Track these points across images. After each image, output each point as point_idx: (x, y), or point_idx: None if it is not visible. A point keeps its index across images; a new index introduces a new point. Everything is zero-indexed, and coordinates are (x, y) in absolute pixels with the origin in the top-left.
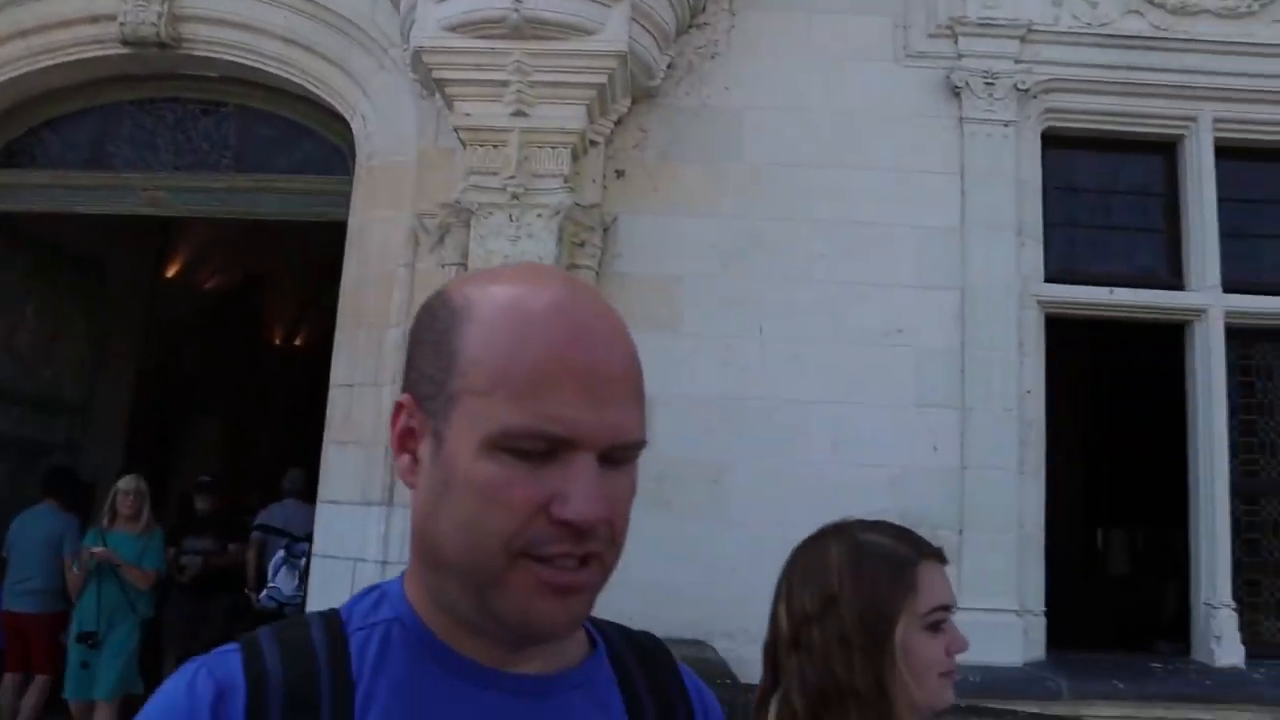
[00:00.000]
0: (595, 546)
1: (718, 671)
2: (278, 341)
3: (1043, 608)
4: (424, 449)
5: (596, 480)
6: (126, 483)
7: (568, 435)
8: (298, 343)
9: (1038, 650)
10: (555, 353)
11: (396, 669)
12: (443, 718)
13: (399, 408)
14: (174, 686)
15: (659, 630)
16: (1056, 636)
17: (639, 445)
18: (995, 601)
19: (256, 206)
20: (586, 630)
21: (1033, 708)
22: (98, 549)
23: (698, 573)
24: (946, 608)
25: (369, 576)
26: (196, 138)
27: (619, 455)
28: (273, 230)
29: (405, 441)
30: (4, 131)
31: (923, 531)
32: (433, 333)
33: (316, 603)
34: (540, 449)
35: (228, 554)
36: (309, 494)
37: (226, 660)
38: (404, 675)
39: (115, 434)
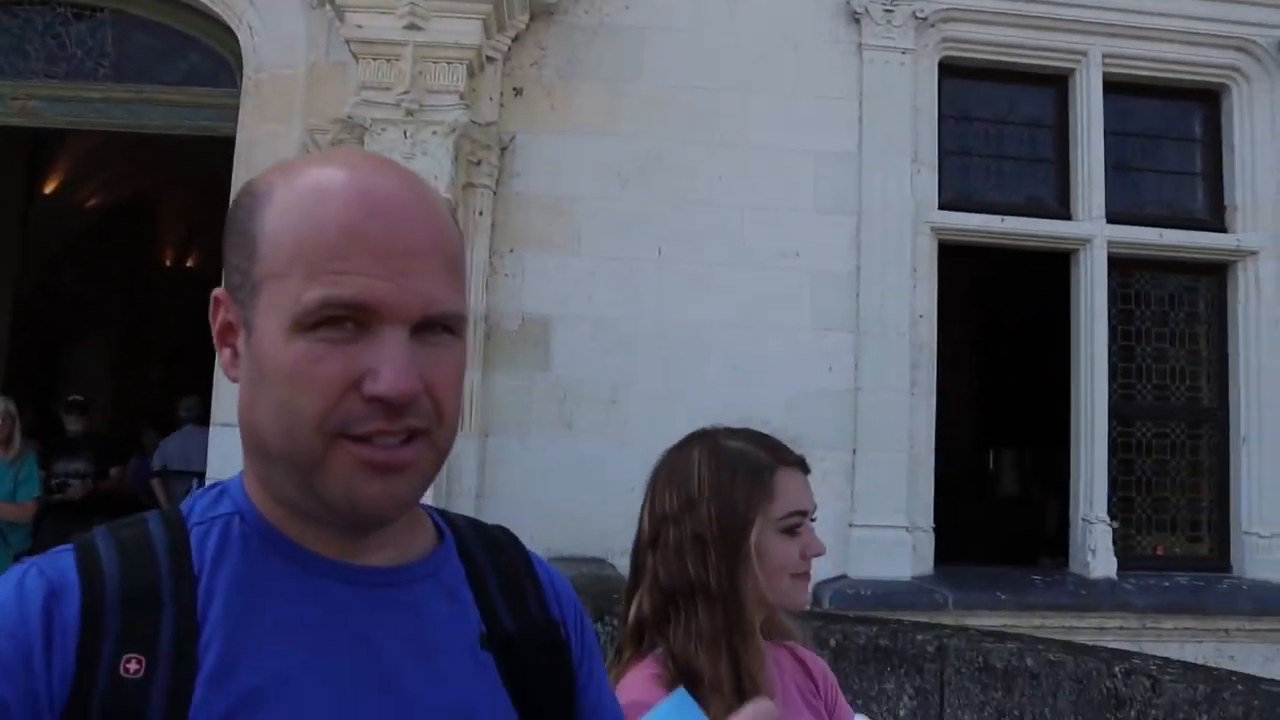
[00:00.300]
0: (416, 422)
1: (616, 587)
2: (168, 263)
3: (932, 524)
4: (241, 341)
5: (406, 353)
6: None
7: (365, 303)
8: (190, 264)
9: (926, 565)
10: (349, 226)
11: (236, 562)
12: (283, 610)
13: (215, 303)
14: (2, 588)
15: (560, 548)
16: (948, 553)
17: (456, 317)
18: (886, 519)
19: (138, 119)
20: (434, 522)
21: (920, 618)
22: None
23: (597, 492)
24: (803, 513)
25: None
26: (70, 44)
27: (435, 329)
28: (160, 145)
29: (225, 336)
30: None
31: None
32: (238, 223)
33: None
34: (344, 325)
35: (110, 479)
36: (206, 419)
37: (59, 559)
38: (244, 568)
39: None
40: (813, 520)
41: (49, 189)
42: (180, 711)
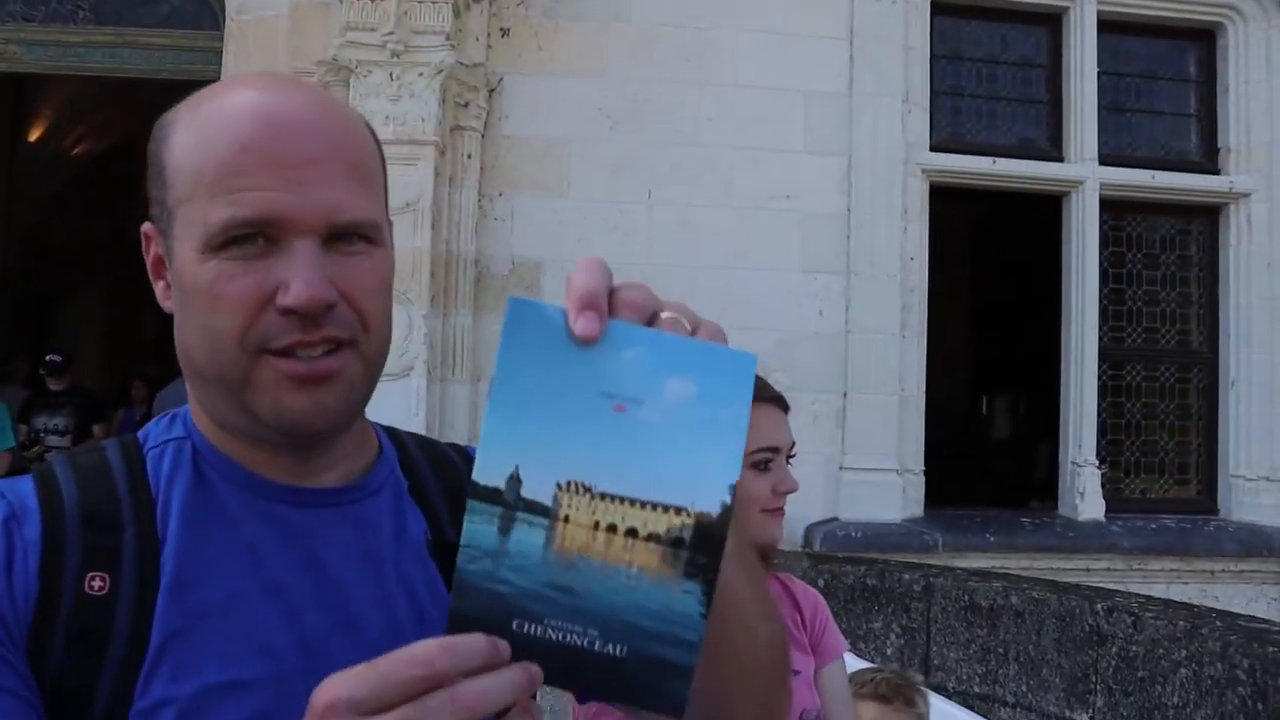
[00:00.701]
0: (337, 332)
1: None
2: None
3: (922, 467)
4: (169, 271)
5: (315, 263)
6: None
7: (266, 218)
8: None
9: (916, 508)
10: (244, 142)
11: (189, 485)
12: (235, 532)
13: (145, 239)
14: None
15: None
16: (940, 496)
17: (369, 225)
18: (877, 461)
19: (119, 62)
20: (378, 439)
21: (910, 560)
22: None
23: None
24: (775, 449)
25: None
26: None
27: (349, 238)
28: (145, 90)
29: (157, 269)
30: None
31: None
32: (151, 155)
33: None
34: (253, 241)
35: (94, 437)
36: None
37: (18, 485)
38: (196, 492)
39: None
40: (791, 457)
41: (33, 137)
42: (144, 624)
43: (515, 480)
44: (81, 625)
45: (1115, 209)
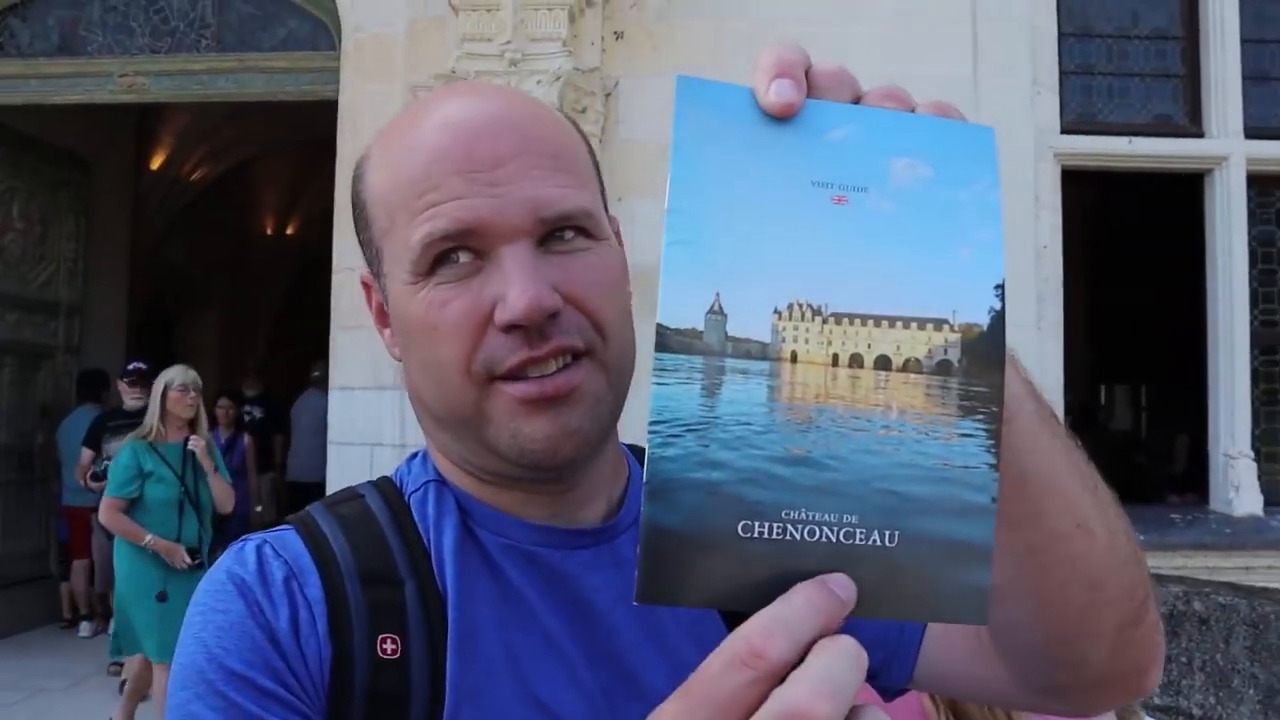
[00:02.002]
0: (569, 341)
1: None
2: (269, 231)
3: None
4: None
5: (530, 267)
6: (180, 375)
7: (465, 227)
8: (289, 231)
9: None
10: (430, 154)
11: (455, 531)
12: (496, 583)
13: (366, 289)
14: (235, 566)
15: None
16: None
17: (581, 215)
18: None
19: (242, 87)
20: (626, 460)
21: None
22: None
23: None
24: None
25: (387, 461)
26: (172, 18)
27: (563, 235)
28: (257, 114)
29: (381, 318)
30: None
31: None
32: (354, 198)
33: None
34: (459, 259)
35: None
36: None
37: (284, 541)
38: (461, 538)
39: (113, 334)
40: None
41: (155, 164)
42: (439, 686)
43: (717, 314)
44: (380, 691)
45: (1262, 184)
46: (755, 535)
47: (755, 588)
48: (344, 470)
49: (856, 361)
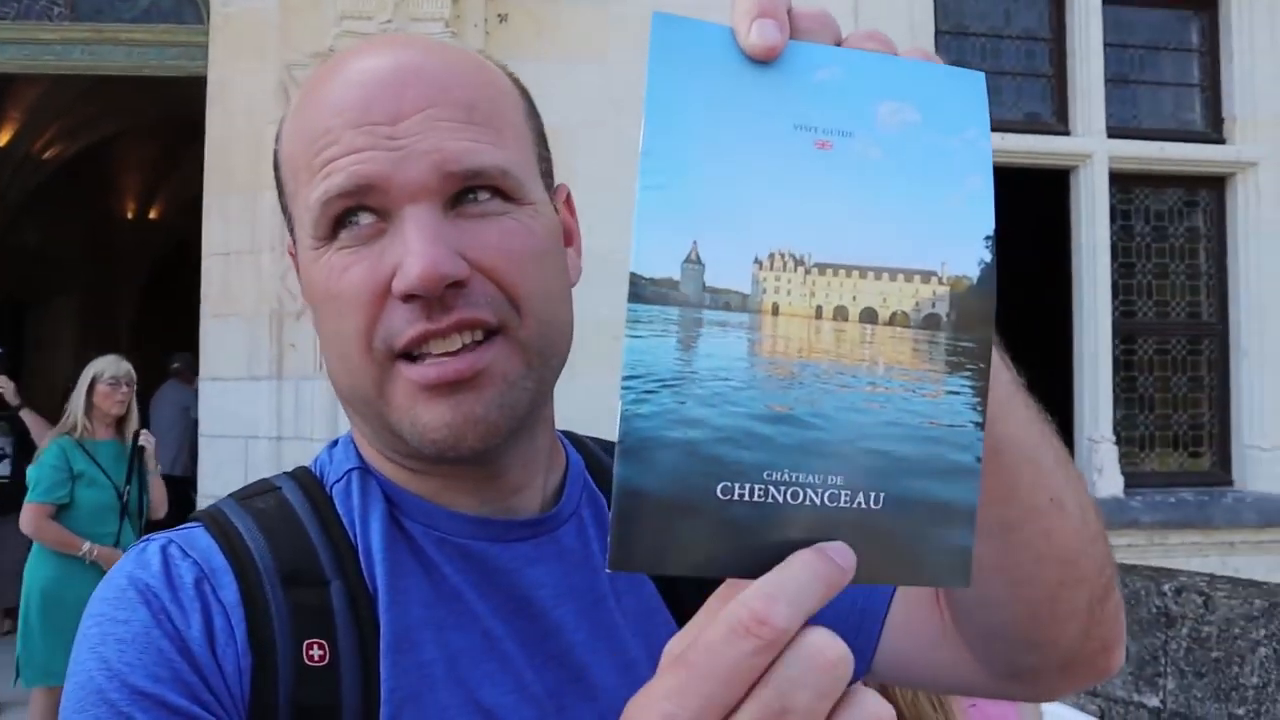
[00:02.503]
0: (474, 314)
1: None
2: (130, 215)
3: None
4: None
5: (431, 229)
6: (111, 366)
7: (361, 183)
8: (152, 215)
9: None
10: (333, 108)
11: (382, 523)
12: (430, 580)
13: (293, 259)
14: (136, 569)
15: None
16: None
17: (497, 173)
18: None
19: (99, 60)
20: (562, 447)
21: None
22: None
23: None
24: None
25: (262, 455)
26: None
27: (476, 195)
28: (116, 90)
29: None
30: None
31: None
32: (274, 159)
33: (210, 487)
34: (360, 221)
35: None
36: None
37: (192, 539)
38: (390, 531)
39: None
40: None
41: (2, 140)
42: (372, 693)
43: (694, 263)
44: (308, 701)
45: (1123, 181)
46: (735, 498)
47: (736, 553)
48: (218, 465)
49: (841, 314)
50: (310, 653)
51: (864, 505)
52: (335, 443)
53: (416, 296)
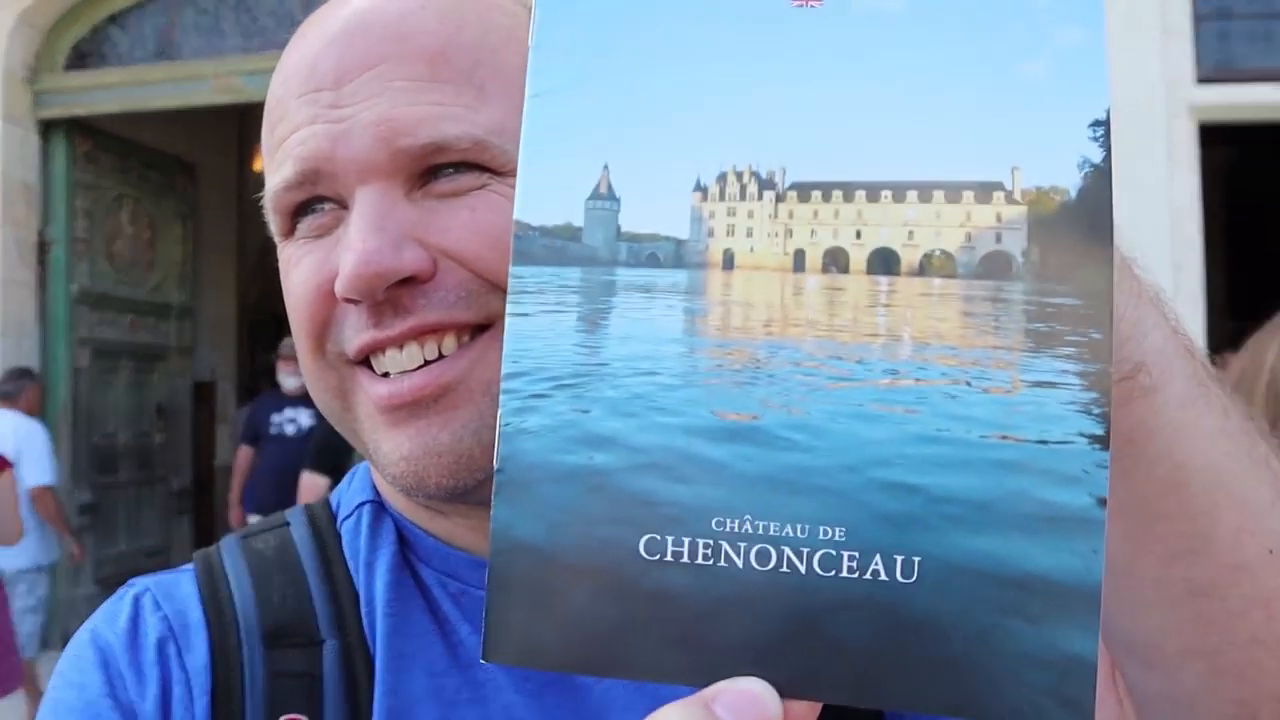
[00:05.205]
0: (437, 316)
1: None
2: None
3: None
4: None
5: (374, 218)
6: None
7: (307, 165)
8: None
9: None
10: (282, 74)
11: (389, 569)
12: (439, 638)
13: None
14: (102, 624)
15: None
16: None
17: (467, 142)
18: None
19: None
20: None
21: None
22: None
23: None
24: None
25: None
26: (260, 15)
27: (443, 172)
28: None
29: None
30: (70, 32)
31: None
32: None
33: None
34: (321, 208)
35: None
36: None
37: (178, 586)
38: (397, 578)
39: (224, 334)
40: None
41: (259, 165)
42: None
43: (604, 198)
44: None
45: None
46: (669, 558)
47: (669, 648)
48: None
49: (837, 261)
50: None
51: (884, 577)
52: (356, 470)
53: (353, 300)
